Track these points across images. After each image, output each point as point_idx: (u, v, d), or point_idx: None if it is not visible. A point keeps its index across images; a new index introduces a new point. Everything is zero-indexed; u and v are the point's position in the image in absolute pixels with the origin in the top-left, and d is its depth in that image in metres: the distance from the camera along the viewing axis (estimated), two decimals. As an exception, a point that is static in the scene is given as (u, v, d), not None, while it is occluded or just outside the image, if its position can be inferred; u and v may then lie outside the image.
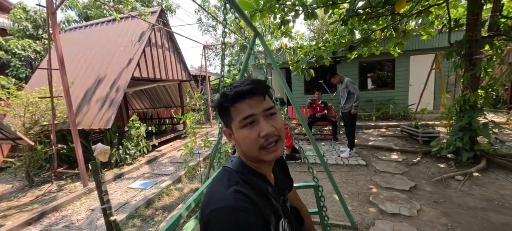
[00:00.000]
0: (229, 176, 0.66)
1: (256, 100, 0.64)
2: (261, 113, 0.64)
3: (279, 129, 0.65)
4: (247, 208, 0.58)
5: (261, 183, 0.69)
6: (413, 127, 4.95)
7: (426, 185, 2.84)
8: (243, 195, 0.60)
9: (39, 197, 3.55)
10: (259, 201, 0.62)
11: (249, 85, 0.64)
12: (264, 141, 0.63)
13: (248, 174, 0.68)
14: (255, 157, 0.65)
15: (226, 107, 0.65)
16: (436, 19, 5.13)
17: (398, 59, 7.21)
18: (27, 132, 3.96)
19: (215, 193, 0.62)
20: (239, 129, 0.64)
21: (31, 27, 7.22)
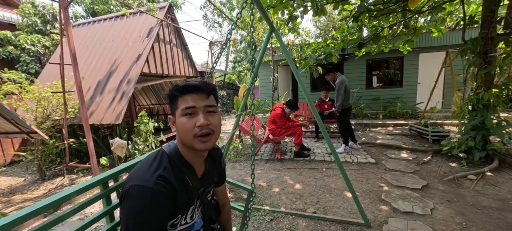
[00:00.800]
0: (161, 158, 0.77)
1: (200, 96, 0.76)
2: (202, 108, 0.75)
3: (214, 125, 0.77)
4: (162, 192, 0.68)
5: (186, 172, 0.80)
6: (422, 125, 4.90)
7: (438, 184, 2.81)
8: (164, 180, 0.70)
9: (52, 190, 3.62)
10: (176, 186, 0.73)
11: (198, 83, 0.77)
12: (199, 130, 0.73)
13: (179, 161, 0.79)
14: (189, 143, 0.76)
15: (175, 96, 0.76)
16: (448, 16, 5.03)
17: (407, 57, 7.12)
18: (39, 126, 4.02)
19: (142, 170, 0.72)
20: (181, 116, 0.75)
21: (39, 22, 7.28)
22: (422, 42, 6.86)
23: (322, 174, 3.32)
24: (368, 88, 7.81)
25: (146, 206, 0.66)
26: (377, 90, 7.80)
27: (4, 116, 2.70)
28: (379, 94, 7.65)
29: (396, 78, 7.76)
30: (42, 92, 3.96)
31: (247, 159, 4.24)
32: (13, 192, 3.64)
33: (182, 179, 0.78)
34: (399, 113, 7.01)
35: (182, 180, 0.78)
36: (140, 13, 5.53)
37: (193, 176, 0.82)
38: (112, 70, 4.92)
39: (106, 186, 0.98)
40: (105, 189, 0.97)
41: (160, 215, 0.69)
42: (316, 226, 2.16)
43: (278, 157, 4.11)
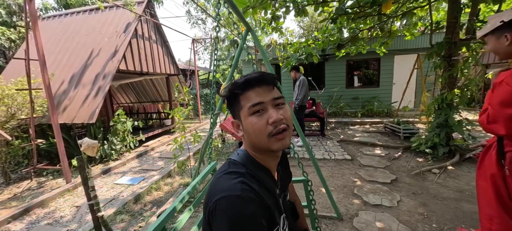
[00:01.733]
0: (235, 168, 0.67)
1: (265, 89, 0.66)
2: (270, 101, 0.65)
3: (287, 118, 0.66)
4: (252, 199, 0.59)
5: (266, 177, 0.70)
6: (395, 123, 5.20)
7: (406, 178, 3.02)
8: (248, 187, 0.61)
9: (18, 194, 3.38)
10: (263, 194, 0.63)
11: (259, 74, 0.66)
12: (273, 128, 0.63)
13: (254, 167, 0.69)
14: (264, 145, 0.65)
15: (236, 95, 0.67)
16: (419, 21, 5.37)
17: (383, 59, 7.49)
18: (3, 126, 3.73)
19: (221, 183, 0.63)
20: (248, 116, 0.65)
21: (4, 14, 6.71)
22: (397, 44, 7.26)
23: (300, 171, 3.41)
24: (348, 88, 8.12)
25: (239, 216, 0.56)
26: (356, 89, 8.13)
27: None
28: (358, 94, 7.99)
29: (373, 78, 8.14)
30: (5, 90, 3.67)
31: (227, 158, 4.24)
32: (-28, 198, 3.35)
33: (264, 186, 0.67)
34: (376, 112, 7.37)
35: (265, 186, 0.67)
36: (116, 7, 5.29)
37: (273, 181, 0.73)
38: (86, 66, 4.67)
39: None
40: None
41: (257, 224, 0.58)
42: (292, 222, 2.23)
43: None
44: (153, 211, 2.66)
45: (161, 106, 8.48)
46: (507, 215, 1.27)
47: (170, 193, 3.12)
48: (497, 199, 1.29)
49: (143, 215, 2.64)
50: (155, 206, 2.79)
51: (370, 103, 7.59)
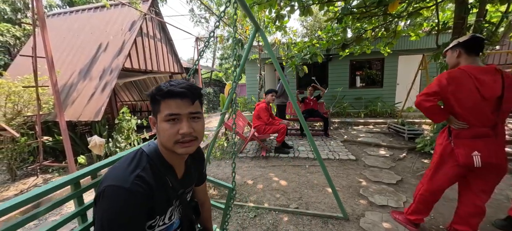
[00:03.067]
0: (141, 158, 0.74)
1: (185, 103, 0.72)
2: (186, 114, 0.73)
3: (197, 131, 0.75)
4: (139, 193, 0.66)
5: (166, 173, 0.78)
6: (400, 124, 5.18)
7: (411, 179, 3.01)
8: (142, 180, 0.68)
9: (24, 191, 3.41)
10: (155, 187, 0.71)
11: (183, 88, 0.72)
12: (181, 137, 0.72)
13: (158, 162, 0.76)
14: (170, 148, 0.74)
15: (158, 100, 0.73)
16: (425, 21, 5.33)
17: (387, 59, 7.46)
18: (9, 122, 3.75)
19: (119, 170, 0.70)
20: (163, 121, 0.72)
21: (9, 11, 6.75)
22: (401, 45, 7.22)
23: (305, 171, 3.41)
24: (351, 88, 8.10)
25: (122, 208, 0.64)
26: (359, 90, 8.10)
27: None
28: (361, 94, 7.96)
29: (377, 78, 8.11)
30: (12, 87, 3.69)
31: (232, 157, 4.24)
32: (-21, 193, 3.38)
33: (161, 180, 0.76)
34: (379, 112, 7.35)
35: (161, 180, 0.76)
36: (121, 5, 5.30)
37: (173, 177, 0.81)
38: (91, 64, 4.69)
39: (78, 185, 0.95)
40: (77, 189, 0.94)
41: (136, 217, 0.67)
42: (298, 221, 2.23)
43: (263, 154, 4.16)
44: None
45: (164, 105, 8.48)
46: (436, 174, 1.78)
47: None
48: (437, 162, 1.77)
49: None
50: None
51: (373, 104, 7.57)
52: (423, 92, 1.71)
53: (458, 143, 1.61)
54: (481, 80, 1.48)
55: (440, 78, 1.64)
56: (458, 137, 1.63)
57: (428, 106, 1.65)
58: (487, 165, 1.51)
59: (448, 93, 1.58)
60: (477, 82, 1.48)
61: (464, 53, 1.59)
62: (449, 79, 1.58)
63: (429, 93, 1.66)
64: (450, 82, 1.57)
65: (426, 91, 1.69)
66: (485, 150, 1.51)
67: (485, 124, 1.53)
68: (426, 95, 1.67)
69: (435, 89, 1.63)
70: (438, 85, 1.63)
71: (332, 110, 7.47)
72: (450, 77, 1.58)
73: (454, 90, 1.56)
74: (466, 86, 1.52)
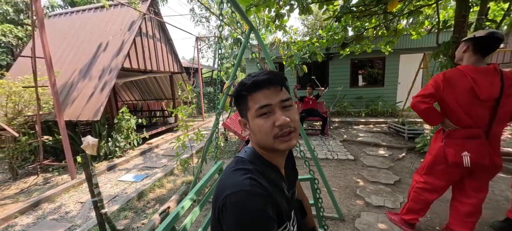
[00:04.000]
0: (243, 165, 0.67)
1: (273, 91, 0.65)
2: (278, 104, 0.65)
3: (294, 121, 0.67)
4: (261, 194, 0.59)
5: (274, 174, 0.70)
6: (400, 123, 5.13)
7: (409, 179, 2.98)
8: (257, 183, 0.61)
9: (25, 189, 3.45)
10: (271, 190, 0.63)
11: (267, 75, 0.65)
12: (279, 130, 0.64)
13: (261, 164, 0.69)
14: (269, 145, 0.66)
15: (244, 96, 0.67)
16: (426, 19, 5.27)
17: (389, 58, 7.39)
18: (10, 122, 3.80)
19: (230, 180, 0.64)
20: (255, 117, 0.66)
21: (12, 11, 6.82)
22: (402, 43, 7.15)
23: (302, 171, 3.40)
24: (352, 87, 8.04)
25: (249, 210, 0.57)
26: (360, 89, 8.05)
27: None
28: (362, 93, 7.91)
29: (378, 77, 8.05)
30: (12, 87, 3.74)
31: (230, 157, 4.25)
32: (-19, 192, 3.44)
33: (273, 181, 0.67)
34: (380, 112, 7.29)
35: (273, 182, 0.67)
36: (121, 5, 5.32)
37: (281, 177, 0.73)
38: (91, 64, 4.72)
39: None
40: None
41: (266, 219, 0.59)
42: (293, 221, 2.22)
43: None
44: (156, 208, 2.69)
45: (164, 104, 8.54)
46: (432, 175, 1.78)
47: (172, 190, 3.15)
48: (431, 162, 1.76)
49: (146, 212, 2.67)
50: (157, 203, 2.82)
51: (374, 103, 7.51)
52: (419, 93, 1.69)
53: (449, 142, 1.61)
54: (477, 81, 1.46)
55: (436, 79, 1.63)
56: (449, 137, 1.62)
57: (423, 108, 1.63)
58: (478, 165, 1.51)
59: (443, 94, 1.57)
60: (473, 83, 1.46)
61: (470, 49, 1.52)
62: (445, 80, 1.57)
63: (425, 95, 1.64)
64: (446, 83, 1.56)
65: (422, 93, 1.67)
66: (476, 151, 1.50)
67: (479, 125, 1.51)
68: (422, 97, 1.65)
69: (431, 91, 1.62)
70: (433, 87, 1.61)
71: (332, 110, 7.43)
72: (445, 78, 1.57)
73: (449, 90, 1.55)
74: (461, 86, 1.50)
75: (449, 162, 1.60)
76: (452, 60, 3.52)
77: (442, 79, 1.57)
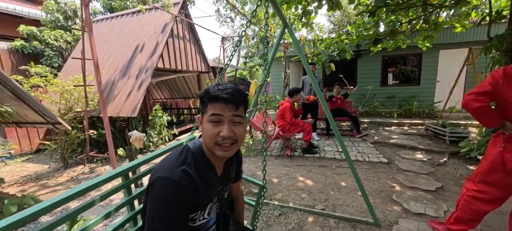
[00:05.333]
0: (186, 155, 0.80)
1: (229, 107, 0.76)
2: (228, 117, 0.77)
3: (238, 135, 0.79)
4: (185, 186, 0.72)
5: (208, 171, 0.83)
6: (440, 125, 4.71)
7: (453, 187, 2.72)
8: (187, 175, 0.74)
9: (74, 177, 3.87)
10: (198, 183, 0.77)
11: (228, 94, 0.76)
12: (221, 139, 0.76)
13: (201, 159, 0.82)
14: (210, 148, 0.79)
15: (205, 102, 0.79)
16: (473, 10, 4.74)
17: (426, 54, 6.81)
18: (62, 117, 4.27)
19: (168, 163, 0.77)
20: (207, 121, 0.78)
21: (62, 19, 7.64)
22: (443, 38, 6.53)
23: (332, 172, 3.30)
24: (383, 86, 7.58)
25: (171, 197, 0.70)
26: (392, 88, 7.54)
27: (33, 107, 2.90)
28: (395, 92, 7.40)
29: (413, 75, 7.46)
30: (65, 86, 4.19)
31: (257, 155, 4.29)
32: (39, 178, 3.93)
33: (203, 177, 0.80)
34: (415, 112, 6.76)
35: (203, 177, 0.80)
36: (155, 9, 5.66)
37: (214, 175, 0.86)
38: (129, 64, 5.10)
39: (127, 177, 1.05)
40: (126, 180, 1.04)
41: (182, 207, 0.73)
42: (324, 223, 2.17)
43: (288, 153, 4.12)
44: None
45: (192, 103, 8.90)
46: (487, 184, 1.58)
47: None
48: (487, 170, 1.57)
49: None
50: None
51: (408, 103, 6.99)
52: (472, 90, 1.53)
53: (510, 147, 1.44)
54: None
55: (494, 75, 1.46)
56: (510, 141, 1.45)
57: (477, 107, 1.47)
58: None
59: (504, 91, 1.40)
60: None
61: None
62: (505, 76, 1.40)
63: (480, 93, 1.48)
64: (506, 79, 1.39)
65: (476, 90, 1.51)
66: None
67: None
68: (476, 94, 1.49)
69: (487, 88, 1.46)
70: (491, 83, 1.45)
71: (361, 110, 7.08)
72: (506, 74, 1.41)
73: (510, 88, 1.38)
74: None
75: (508, 169, 1.43)
76: (507, 55, 3.13)
77: (502, 75, 1.41)
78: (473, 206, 1.66)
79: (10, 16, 6.87)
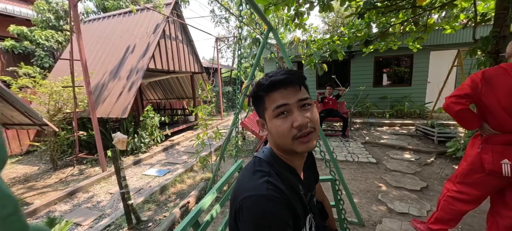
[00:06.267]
0: (261, 166, 0.67)
1: (290, 91, 0.64)
2: (295, 103, 0.63)
3: (313, 121, 0.64)
4: (278, 198, 0.59)
5: (291, 177, 0.69)
6: (429, 126, 4.78)
7: (438, 186, 2.77)
8: (274, 186, 0.60)
9: (63, 179, 3.83)
10: (288, 194, 0.62)
11: (284, 75, 0.63)
12: (297, 131, 0.62)
13: (279, 166, 0.68)
14: (288, 147, 0.65)
15: (261, 96, 0.66)
16: (461, 13, 4.83)
17: (417, 55, 6.90)
18: (51, 118, 4.23)
19: (247, 182, 0.64)
20: (273, 118, 0.64)
21: (53, 19, 7.55)
22: (433, 39, 6.63)
23: (320, 172, 3.33)
24: (375, 86, 7.66)
25: (264, 215, 0.56)
26: (384, 88, 7.63)
27: (18, 108, 2.87)
28: (387, 93, 7.49)
29: (405, 76, 7.56)
30: (53, 87, 4.15)
31: (248, 155, 4.30)
32: (28, 180, 3.88)
33: (290, 185, 0.66)
34: (406, 113, 6.85)
35: (290, 185, 0.66)
36: (147, 9, 5.63)
37: (298, 181, 0.71)
38: (120, 65, 5.07)
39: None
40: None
41: (282, 223, 0.58)
42: (310, 223, 2.19)
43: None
44: (177, 203, 2.82)
45: (185, 103, 8.87)
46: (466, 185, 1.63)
47: (192, 186, 3.27)
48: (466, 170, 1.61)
49: (167, 205, 2.81)
50: (178, 198, 2.96)
51: (400, 104, 7.07)
52: (453, 93, 1.55)
53: (487, 148, 1.47)
54: None
55: (473, 78, 1.48)
56: (488, 142, 1.48)
57: (458, 110, 1.50)
58: None
59: (482, 94, 1.43)
60: None
61: None
62: (484, 79, 1.43)
63: (460, 95, 1.50)
64: (485, 82, 1.42)
65: (456, 93, 1.53)
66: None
67: None
68: (457, 97, 1.51)
69: (467, 90, 1.48)
70: (470, 86, 1.47)
71: (353, 110, 7.15)
72: (484, 77, 1.43)
73: (489, 91, 1.41)
74: (505, 87, 1.36)
75: (486, 170, 1.46)
76: (491, 57, 3.20)
77: (481, 79, 1.43)
78: (453, 206, 1.70)
79: (0, 16, 6.76)
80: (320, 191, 1.01)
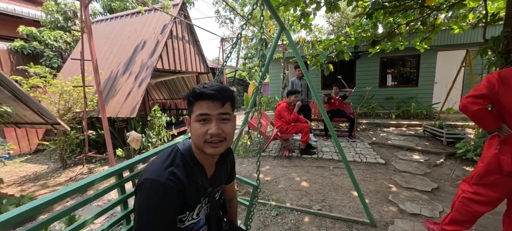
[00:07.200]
0: (175, 156, 0.81)
1: (215, 104, 0.77)
2: (216, 115, 0.77)
3: (226, 133, 0.79)
4: (172, 188, 0.73)
5: (197, 172, 0.83)
6: (437, 127, 4.73)
7: (449, 187, 2.74)
8: (175, 177, 0.75)
9: (73, 177, 3.88)
10: (186, 184, 0.77)
11: (213, 91, 0.76)
12: (210, 137, 0.76)
13: (191, 160, 0.82)
14: (200, 147, 0.79)
15: (191, 101, 0.79)
16: (470, 12, 4.78)
17: (424, 55, 6.85)
18: (61, 117, 4.29)
19: (156, 165, 0.78)
20: (195, 121, 0.78)
21: (61, 19, 7.65)
22: (441, 39, 6.57)
23: (329, 173, 3.32)
24: (381, 87, 7.61)
25: (158, 199, 0.71)
26: (390, 89, 7.58)
27: (32, 107, 2.92)
28: (393, 93, 7.44)
29: (411, 77, 7.50)
30: (64, 86, 4.21)
31: (255, 155, 4.30)
32: (38, 178, 3.94)
33: (192, 178, 0.81)
34: (413, 113, 6.79)
35: (192, 178, 0.81)
36: (154, 10, 5.68)
37: (203, 176, 0.85)
38: (128, 65, 5.12)
39: (121, 176, 1.06)
40: (120, 179, 1.06)
41: (170, 209, 0.73)
42: (321, 223, 2.19)
43: (286, 154, 4.14)
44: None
45: (191, 103, 8.88)
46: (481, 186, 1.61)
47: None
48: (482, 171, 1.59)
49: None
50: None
51: (406, 104, 7.02)
52: (470, 93, 1.54)
53: (505, 149, 1.45)
54: None
55: (489, 78, 1.47)
56: (505, 143, 1.47)
57: (475, 110, 1.48)
58: None
59: (499, 95, 1.42)
60: None
61: None
62: (500, 80, 1.42)
63: (478, 95, 1.49)
64: (502, 83, 1.41)
65: (473, 93, 1.52)
66: None
67: None
68: (474, 97, 1.50)
69: (484, 91, 1.47)
70: (486, 87, 1.46)
71: (359, 111, 7.11)
72: (501, 78, 1.42)
73: (506, 91, 1.40)
74: None
75: (504, 171, 1.45)
76: (502, 57, 3.16)
77: (497, 79, 1.43)
78: (468, 207, 1.68)
79: (9, 17, 6.88)
80: (231, 189, 1.15)
